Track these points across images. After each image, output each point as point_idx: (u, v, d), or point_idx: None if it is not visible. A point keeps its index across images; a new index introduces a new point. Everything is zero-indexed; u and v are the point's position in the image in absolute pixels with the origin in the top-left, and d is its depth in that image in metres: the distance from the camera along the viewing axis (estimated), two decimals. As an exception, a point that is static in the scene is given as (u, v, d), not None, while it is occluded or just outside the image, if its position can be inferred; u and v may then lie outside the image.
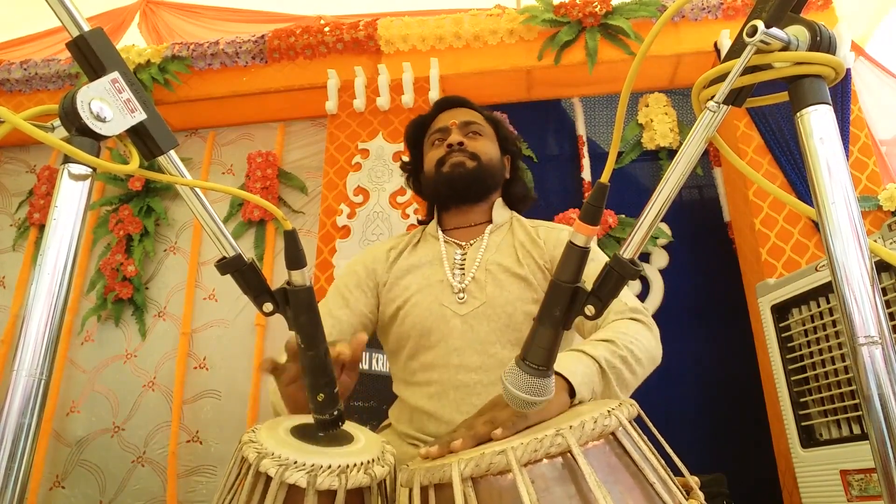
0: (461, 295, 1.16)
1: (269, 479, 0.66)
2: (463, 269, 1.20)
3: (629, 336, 1.00)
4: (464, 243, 1.26)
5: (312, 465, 0.66)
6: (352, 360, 0.89)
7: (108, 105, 0.57)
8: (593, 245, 1.18)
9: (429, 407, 1.10)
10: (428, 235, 1.32)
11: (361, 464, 0.69)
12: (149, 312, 2.76)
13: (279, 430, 0.77)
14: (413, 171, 1.41)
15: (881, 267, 1.54)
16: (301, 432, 0.77)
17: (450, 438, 0.75)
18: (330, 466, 0.67)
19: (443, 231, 1.30)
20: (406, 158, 1.45)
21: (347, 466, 0.68)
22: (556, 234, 1.24)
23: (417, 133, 1.39)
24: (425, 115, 1.40)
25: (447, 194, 1.28)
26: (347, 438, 0.78)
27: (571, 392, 0.83)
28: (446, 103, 1.39)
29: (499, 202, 1.31)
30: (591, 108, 2.89)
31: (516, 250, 1.20)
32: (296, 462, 0.66)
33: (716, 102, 0.59)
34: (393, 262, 1.26)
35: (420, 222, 1.41)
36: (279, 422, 0.80)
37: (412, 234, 1.33)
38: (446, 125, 1.31)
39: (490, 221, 1.28)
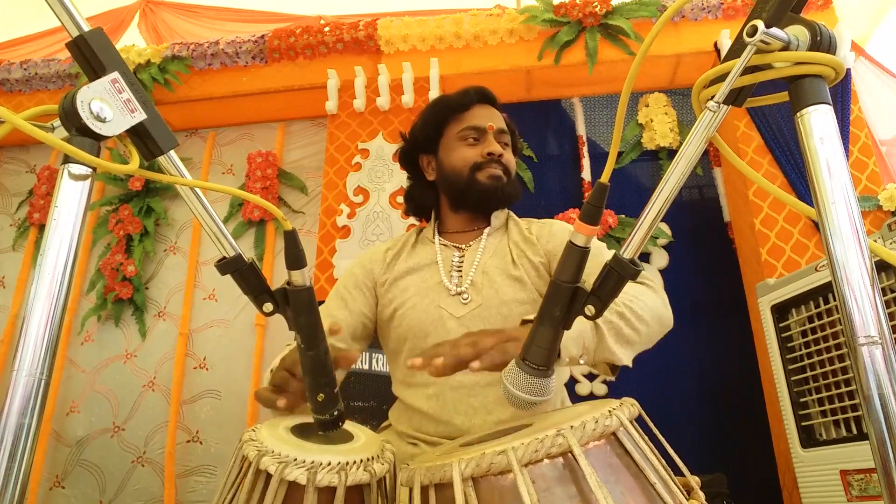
0: (459, 297, 1.16)
1: (269, 476, 0.66)
2: (461, 271, 1.21)
3: (629, 294, 0.99)
4: (462, 246, 1.26)
5: (312, 463, 0.66)
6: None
7: (108, 105, 0.57)
8: (597, 242, 1.18)
9: (427, 408, 1.10)
10: (424, 238, 1.31)
11: (361, 461, 0.69)
12: (149, 312, 2.76)
13: (279, 428, 0.77)
14: (415, 146, 1.33)
15: (881, 267, 1.54)
16: (301, 431, 0.77)
17: (434, 353, 0.79)
18: (330, 463, 0.67)
19: (442, 233, 1.30)
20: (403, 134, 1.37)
21: (347, 463, 0.68)
22: (547, 229, 1.25)
23: (443, 115, 1.31)
24: (456, 97, 1.31)
25: (474, 201, 1.25)
26: (347, 437, 0.78)
27: None
28: (483, 97, 1.32)
29: None
30: (591, 108, 2.89)
31: (511, 251, 1.21)
32: (295, 459, 0.67)
33: (716, 102, 0.59)
34: (390, 264, 1.26)
35: (406, 194, 1.37)
36: (280, 420, 0.81)
37: (409, 236, 1.33)
38: (484, 126, 1.27)
39: (489, 224, 1.28)
